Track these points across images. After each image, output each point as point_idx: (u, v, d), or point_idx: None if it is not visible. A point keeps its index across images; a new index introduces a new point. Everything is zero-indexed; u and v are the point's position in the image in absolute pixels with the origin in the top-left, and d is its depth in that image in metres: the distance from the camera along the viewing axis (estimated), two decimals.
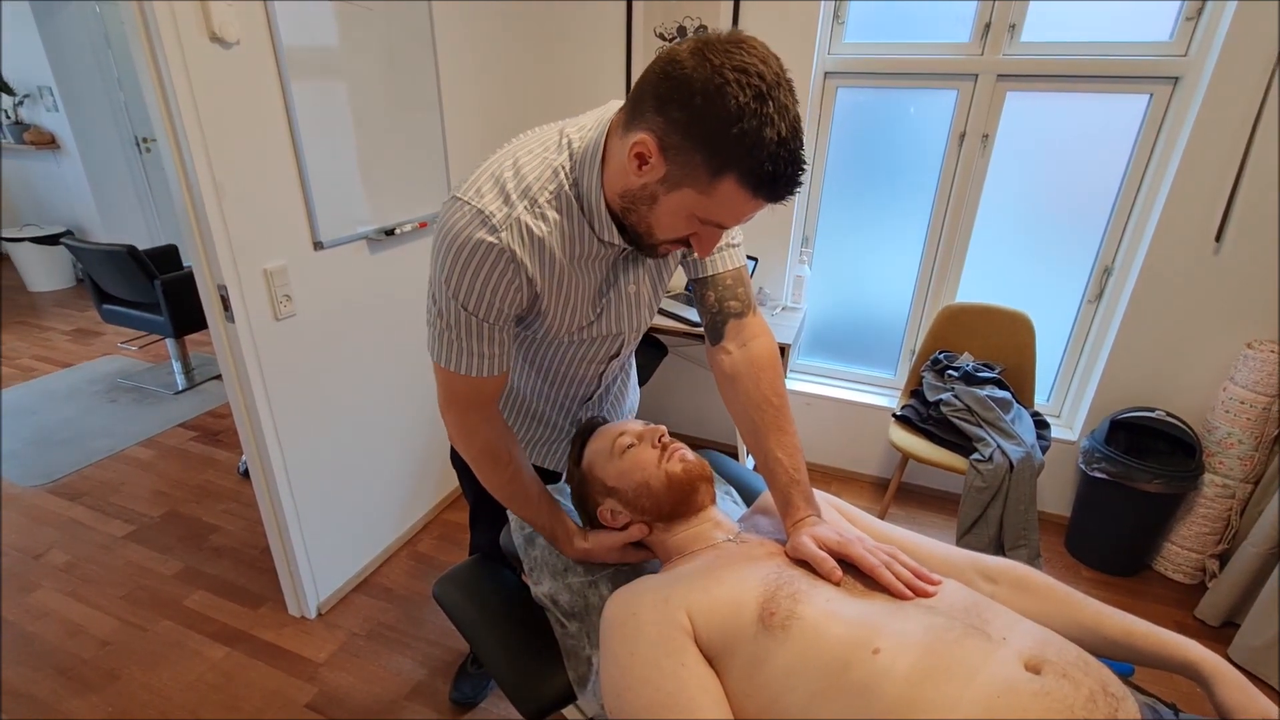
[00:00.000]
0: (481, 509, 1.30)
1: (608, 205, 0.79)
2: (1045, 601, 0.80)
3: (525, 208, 0.78)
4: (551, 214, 0.80)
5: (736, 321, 0.95)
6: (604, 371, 1.06)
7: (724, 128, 0.63)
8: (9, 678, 1.67)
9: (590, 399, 1.11)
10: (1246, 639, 1.75)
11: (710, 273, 0.95)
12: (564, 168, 0.79)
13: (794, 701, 0.66)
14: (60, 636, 1.79)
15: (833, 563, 0.76)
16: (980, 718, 0.58)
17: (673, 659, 0.71)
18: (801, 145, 0.67)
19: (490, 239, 0.77)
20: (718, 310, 0.95)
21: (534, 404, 1.10)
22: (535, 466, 1.13)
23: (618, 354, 1.03)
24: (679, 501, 0.90)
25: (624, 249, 0.87)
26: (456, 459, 1.16)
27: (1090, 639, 0.76)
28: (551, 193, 0.79)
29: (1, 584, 1.98)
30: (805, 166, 0.68)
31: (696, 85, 0.63)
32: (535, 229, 0.79)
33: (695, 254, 0.80)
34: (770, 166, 0.65)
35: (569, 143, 0.80)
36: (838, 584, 0.75)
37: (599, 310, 0.92)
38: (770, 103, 0.63)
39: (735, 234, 0.95)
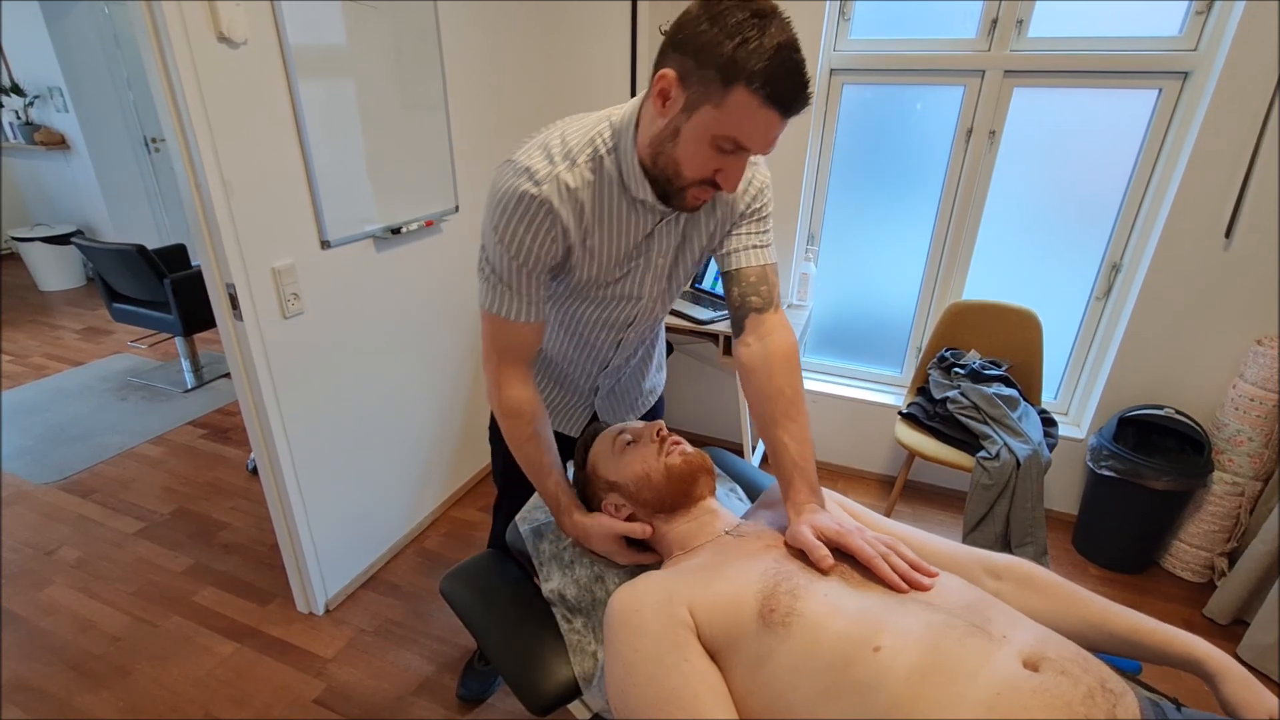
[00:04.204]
0: (506, 496, 1.34)
1: (641, 164, 0.87)
2: (1052, 599, 0.80)
3: (565, 168, 0.88)
4: (587, 174, 0.89)
5: (756, 316, 0.97)
6: (621, 340, 1.11)
7: (729, 41, 0.71)
8: (21, 673, 1.69)
9: (608, 367, 1.16)
10: (1256, 637, 1.74)
11: (737, 266, 0.99)
12: (601, 135, 0.89)
13: (797, 699, 0.66)
14: (72, 632, 1.81)
15: (824, 550, 0.76)
16: (981, 714, 0.59)
17: (676, 655, 0.71)
18: (804, 62, 0.73)
19: (533, 190, 0.86)
20: (740, 304, 0.98)
21: (559, 365, 1.18)
22: (556, 434, 1.18)
23: (632, 323, 1.08)
24: (679, 493, 0.92)
25: (660, 217, 0.94)
26: (494, 435, 1.23)
27: (1097, 635, 0.76)
28: (588, 156, 0.89)
29: (2, 581, 2.00)
30: (810, 81, 0.74)
31: (703, 16, 0.73)
32: (571, 183, 0.88)
33: (723, 190, 0.85)
34: (777, 70, 0.71)
35: (610, 118, 0.91)
36: (826, 572, 0.75)
37: (626, 270, 0.99)
38: (771, 21, 0.72)
39: (764, 234, 1.01)
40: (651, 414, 1.37)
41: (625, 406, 1.29)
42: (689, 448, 0.97)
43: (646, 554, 0.97)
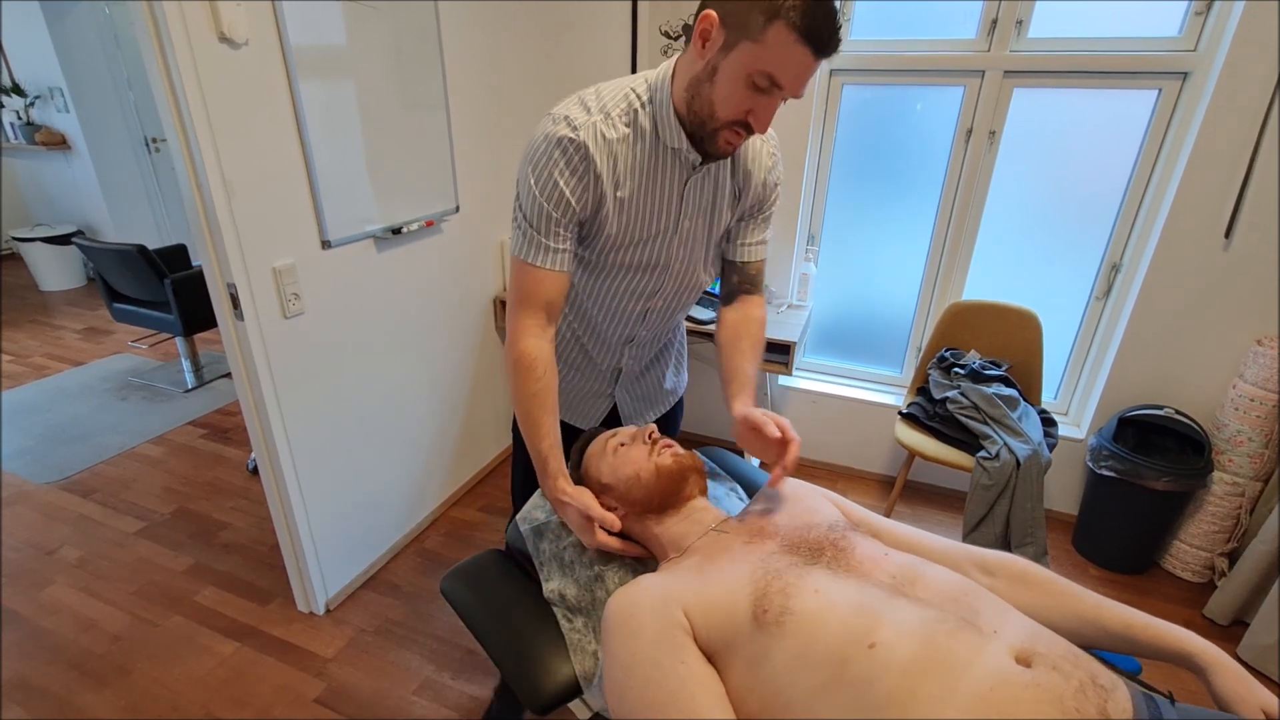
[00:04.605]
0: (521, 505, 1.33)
1: (676, 113, 0.92)
2: (1045, 595, 0.80)
3: (601, 118, 0.94)
4: (622, 128, 0.94)
5: (746, 296, 1.16)
6: (648, 311, 1.14)
7: None
8: (22, 672, 1.69)
9: (633, 340, 1.18)
10: (1256, 637, 1.74)
11: (745, 260, 1.14)
12: (636, 91, 0.96)
13: (795, 696, 0.66)
14: (73, 631, 1.81)
15: (773, 425, 0.89)
16: (974, 709, 0.59)
17: (673, 657, 0.72)
18: (836, 10, 0.79)
19: (570, 134, 0.92)
20: (737, 288, 1.16)
21: (583, 339, 1.21)
22: (569, 425, 1.23)
23: (659, 292, 1.12)
24: (669, 492, 0.94)
25: (690, 172, 0.99)
26: (517, 441, 1.25)
27: (1090, 631, 0.76)
28: (623, 110, 0.95)
29: (3, 581, 2.00)
30: (841, 26, 0.80)
31: None
32: (608, 134, 0.94)
33: (755, 131, 0.89)
34: (814, 10, 0.77)
35: (645, 76, 0.97)
36: (779, 442, 0.88)
37: (655, 230, 1.03)
38: None
39: (768, 232, 1.14)
40: (670, 416, 1.38)
41: (646, 404, 1.31)
42: (680, 449, 0.99)
43: (614, 540, 0.97)
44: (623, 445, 1.00)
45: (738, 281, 1.15)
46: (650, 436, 1.00)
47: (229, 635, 1.80)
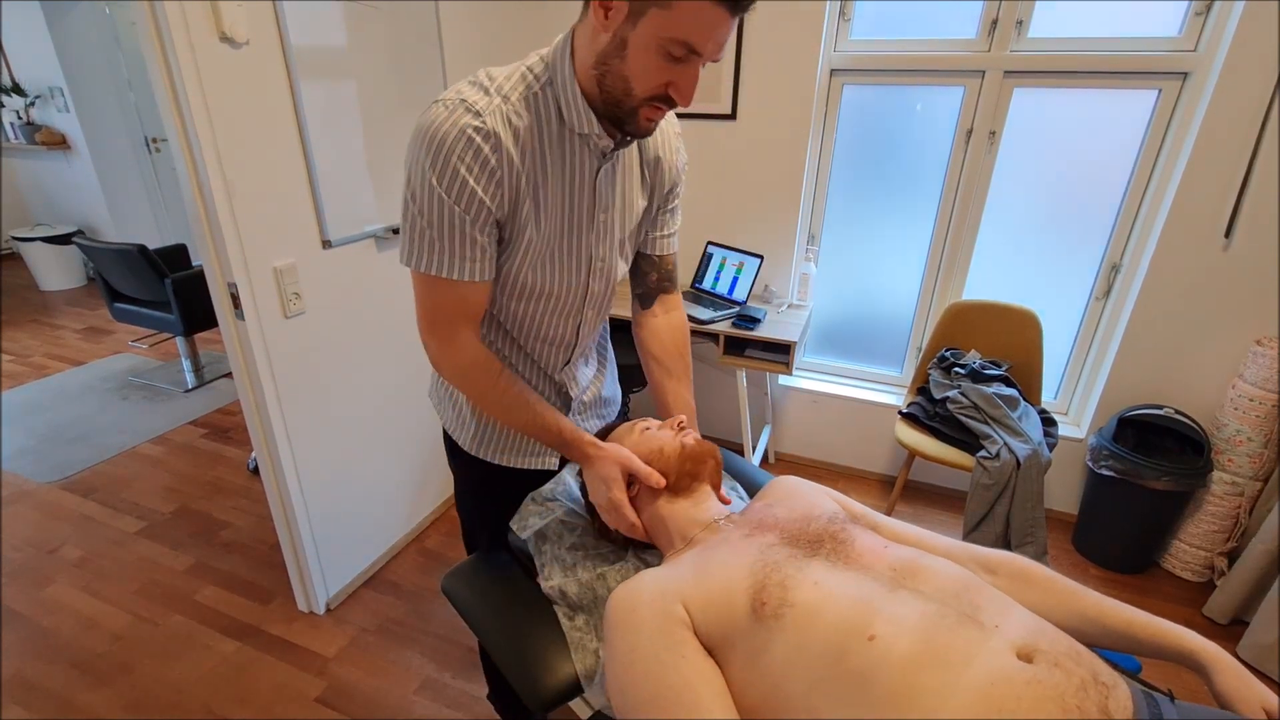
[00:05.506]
0: (479, 535, 1.26)
1: (583, 92, 0.82)
2: (1046, 593, 0.80)
3: (501, 101, 0.82)
4: (526, 114, 0.83)
5: (666, 295, 1.15)
6: (580, 323, 1.06)
7: None
8: (23, 671, 1.69)
9: (570, 360, 1.10)
10: (1255, 637, 1.74)
11: (660, 253, 1.11)
12: (532, 71, 0.84)
13: (794, 689, 0.66)
14: (74, 630, 1.81)
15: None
16: (975, 705, 0.59)
17: (673, 652, 0.72)
18: None
19: (476, 122, 0.79)
20: (655, 285, 1.14)
21: (522, 370, 1.09)
22: (532, 471, 1.13)
23: (588, 298, 1.04)
24: (688, 472, 0.94)
25: (600, 160, 0.90)
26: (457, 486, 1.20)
27: (1091, 630, 0.77)
28: (520, 95, 0.83)
29: (4, 580, 2.01)
30: None
31: None
32: (515, 120, 0.82)
33: (678, 104, 0.82)
34: None
35: (539, 55, 0.86)
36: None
37: (575, 233, 0.94)
38: None
39: (677, 222, 1.11)
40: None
41: (596, 420, 1.23)
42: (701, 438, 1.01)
43: (632, 512, 0.95)
44: (648, 429, 1.02)
45: (656, 279, 1.12)
46: (678, 424, 1.02)
47: (230, 634, 1.81)
